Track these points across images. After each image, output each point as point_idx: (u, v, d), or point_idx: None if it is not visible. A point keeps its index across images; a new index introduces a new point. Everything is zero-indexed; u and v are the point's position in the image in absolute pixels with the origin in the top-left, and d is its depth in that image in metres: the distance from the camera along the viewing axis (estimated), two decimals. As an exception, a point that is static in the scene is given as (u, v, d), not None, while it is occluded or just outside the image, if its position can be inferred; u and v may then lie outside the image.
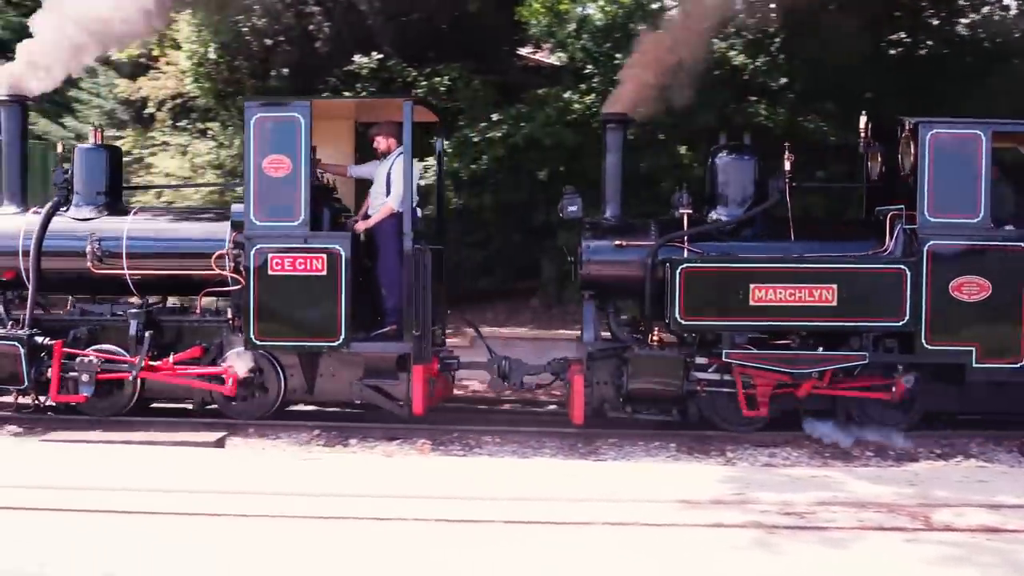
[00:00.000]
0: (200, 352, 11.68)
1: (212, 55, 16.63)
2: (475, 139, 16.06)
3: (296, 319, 11.02)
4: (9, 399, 11.90)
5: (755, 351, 10.79)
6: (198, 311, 11.97)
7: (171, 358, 11.52)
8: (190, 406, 12.19)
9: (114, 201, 12.25)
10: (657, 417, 11.20)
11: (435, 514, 7.39)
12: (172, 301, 12.50)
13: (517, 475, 8.90)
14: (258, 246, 10.90)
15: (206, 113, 18.04)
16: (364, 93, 15.99)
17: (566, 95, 16.11)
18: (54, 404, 11.77)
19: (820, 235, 11.28)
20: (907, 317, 10.52)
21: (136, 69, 19.79)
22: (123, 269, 11.67)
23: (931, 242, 10.45)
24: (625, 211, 11.68)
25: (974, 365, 10.47)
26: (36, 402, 11.89)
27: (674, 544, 6.78)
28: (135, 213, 12.20)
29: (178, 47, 18.40)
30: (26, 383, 11.44)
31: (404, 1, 15.42)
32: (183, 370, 11.57)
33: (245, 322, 11.04)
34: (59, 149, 12.87)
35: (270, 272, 10.88)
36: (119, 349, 11.61)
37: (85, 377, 11.35)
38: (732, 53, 15.77)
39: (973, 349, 10.49)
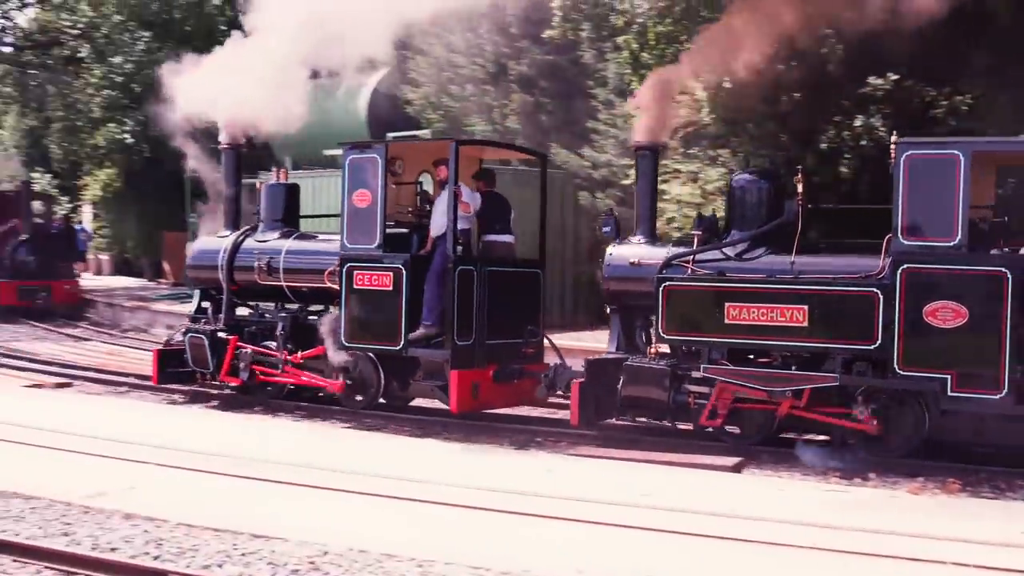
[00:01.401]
0: (322, 351, 13.37)
1: (727, 83, 16.32)
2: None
3: (372, 326, 12.47)
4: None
5: (730, 367, 10.90)
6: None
7: (299, 355, 13.65)
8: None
9: (290, 226, 14.30)
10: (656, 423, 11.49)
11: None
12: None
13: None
14: (348, 265, 12.49)
15: (716, 140, 17.84)
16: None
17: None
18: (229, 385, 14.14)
19: (820, 256, 11.06)
20: (879, 341, 10.15)
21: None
22: (281, 281, 13.65)
23: (905, 265, 10.01)
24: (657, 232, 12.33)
25: (949, 394, 9.87)
26: (217, 383, 14.26)
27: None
28: (294, 237, 14.02)
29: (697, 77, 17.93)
30: (211, 368, 13.94)
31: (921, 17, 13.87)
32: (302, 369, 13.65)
33: (341, 327, 12.57)
34: (258, 186, 15.28)
35: (355, 286, 12.44)
36: (273, 345, 13.99)
37: (242, 365, 13.66)
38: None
39: (948, 377, 9.88)
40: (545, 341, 13.24)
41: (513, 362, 12.60)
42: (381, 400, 12.99)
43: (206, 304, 14.62)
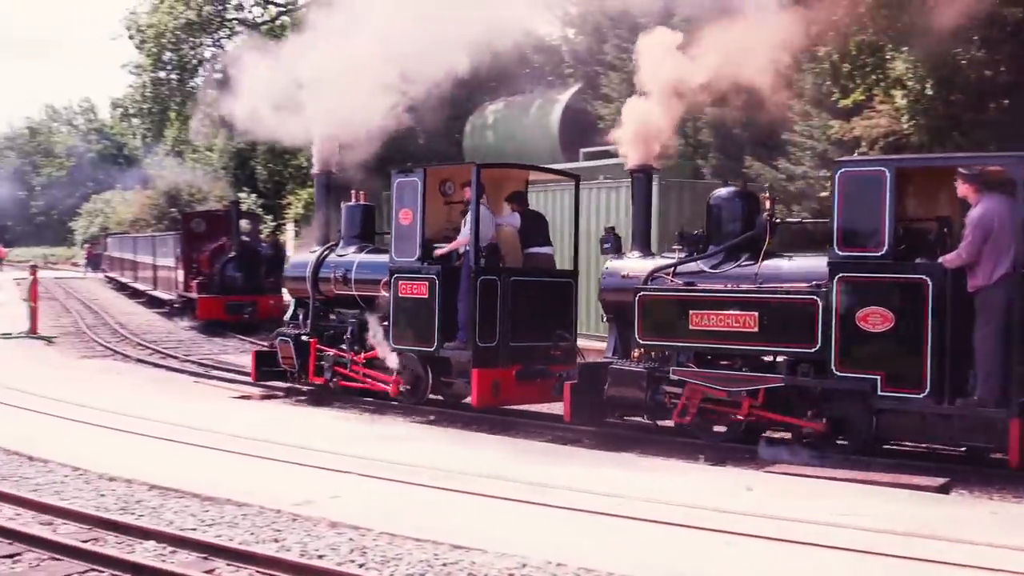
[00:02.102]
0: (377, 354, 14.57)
1: (929, 91, 16.23)
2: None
3: (413, 329, 13.96)
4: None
5: (695, 369, 11.80)
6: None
7: (362, 355, 14.80)
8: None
9: (366, 242, 15.88)
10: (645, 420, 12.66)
11: None
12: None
13: None
14: (395, 275, 14.00)
15: (919, 151, 17.74)
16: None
17: None
18: (313, 384, 15.58)
19: (782, 266, 11.75)
20: (819, 344, 10.85)
21: (852, 110, 19.17)
22: (352, 290, 15.11)
23: (840, 274, 10.69)
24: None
25: (879, 393, 10.49)
26: (301, 383, 15.83)
27: None
28: (368, 251, 15.50)
29: (900, 85, 17.70)
30: (295, 367, 15.52)
31: None
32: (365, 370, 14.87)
33: (390, 331, 14.15)
34: (342, 206, 16.52)
35: (400, 295, 13.93)
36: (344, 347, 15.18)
37: (325, 364, 15.25)
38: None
39: (878, 378, 10.49)
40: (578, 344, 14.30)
41: (538, 363, 13.59)
42: (431, 396, 14.28)
43: (300, 311, 16.30)
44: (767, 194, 12.23)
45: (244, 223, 29.41)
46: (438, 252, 13.86)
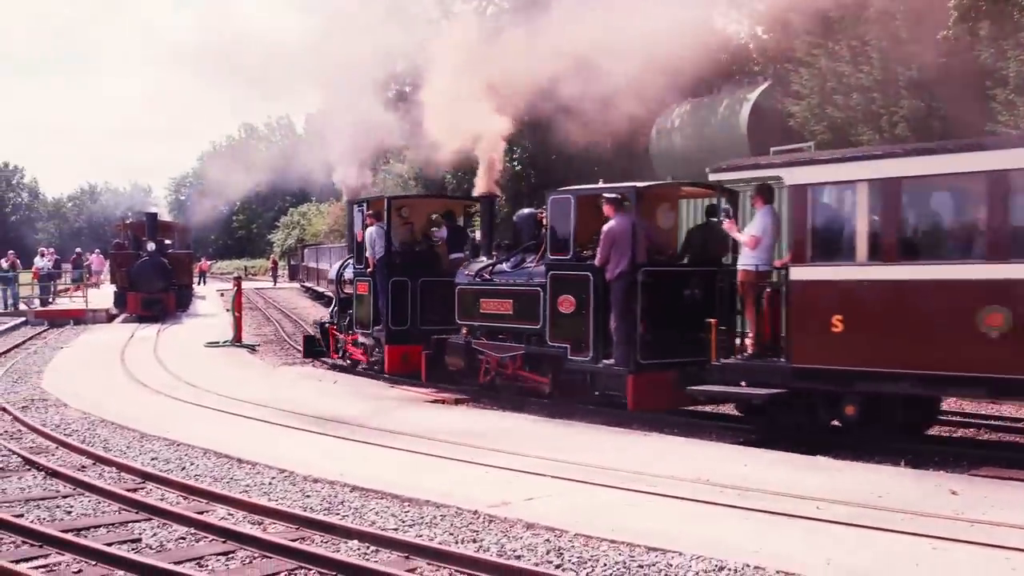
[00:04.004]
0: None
1: None
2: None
3: (361, 317, 19.16)
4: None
5: (485, 341, 15.99)
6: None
7: (349, 337, 19.96)
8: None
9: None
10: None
11: None
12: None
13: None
14: (355, 278, 19.52)
15: None
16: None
17: None
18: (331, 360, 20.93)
19: (541, 266, 15.03)
20: (541, 323, 14.69)
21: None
22: (344, 289, 20.55)
23: (551, 271, 14.46)
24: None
25: (568, 357, 14.23)
26: (334, 358, 20.83)
27: None
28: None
29: None
30: (325, 348, 21.42)
31: None
32: (350, 348, 20.18)
33: (354, 319, 19.45)
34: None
35: (357, 292, 19.39)
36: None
37: (337, 344, 20.62)
38: None
39: (568, 346, 14.22)
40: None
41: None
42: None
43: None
44: (542, 212, 15.33)
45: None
46: (369, 264, 18.24)
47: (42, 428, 13.40)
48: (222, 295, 45.36)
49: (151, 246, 33.76)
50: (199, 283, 57.13)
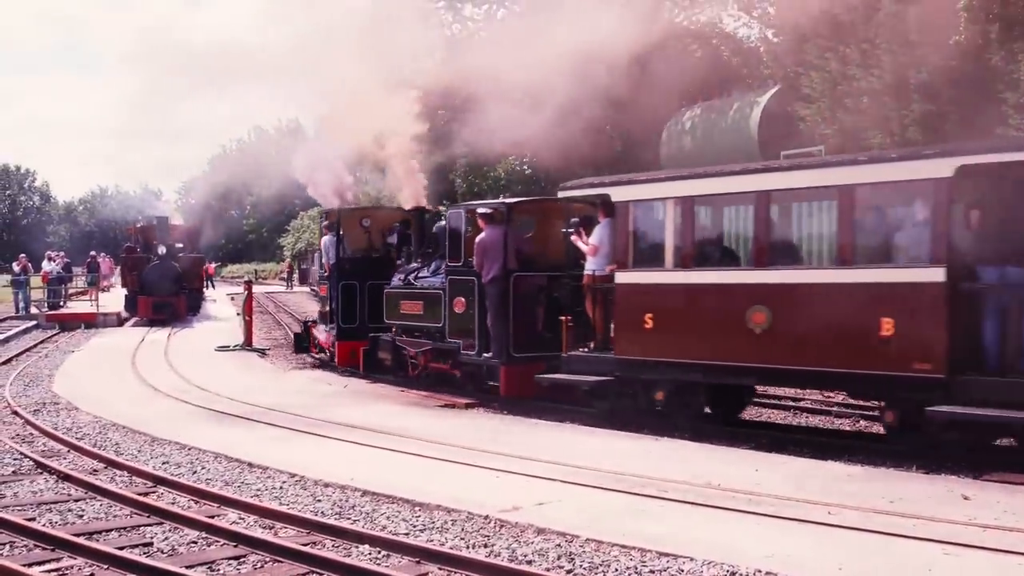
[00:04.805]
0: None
1: None
2: None
3: (324, 315, 22.17)
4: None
5: (405, 337, 18.14)
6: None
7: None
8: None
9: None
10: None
11: None
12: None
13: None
14: (319, 281, 23.42)
15: None
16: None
17: None
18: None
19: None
20: (442, 322, 16.75)
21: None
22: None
23: (449, 276, 16.57)
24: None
25: (461, 352, 16.30)
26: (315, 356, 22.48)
27: None
28: None
29: None
30: (309, 345, 22.97)
31: None
32: (322, 343, 22.28)
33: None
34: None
35: (320, 293, 24.17)
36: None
37: (313, 341, 22.75)
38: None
39: (460, 342, 16.35)
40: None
41: None
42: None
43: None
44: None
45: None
46: (326, 269, 20.80)
47: (54, 432, 13.45)
48: (232, 299, 45.40)
49: (162, 249, 33.86)
50: (205, 287, 57.18)
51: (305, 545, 8.11)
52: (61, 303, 38.38)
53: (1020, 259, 10.70)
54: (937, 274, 10.79)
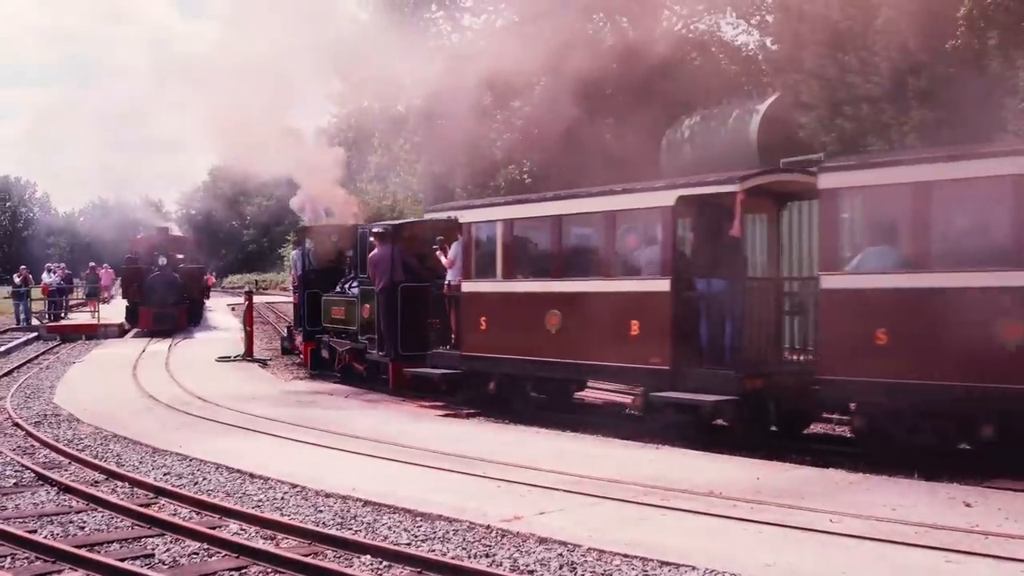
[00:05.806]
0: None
1: None
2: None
3: (300, 319, 24.96)
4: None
5: (334, 339, 21.00)
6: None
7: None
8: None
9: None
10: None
11: None
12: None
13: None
14: (294, 290, 23.70)
15: None
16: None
17: None
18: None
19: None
20: (356, 325, 19.59)
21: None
22: None
23: (362, 287, 19.39)
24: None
25: (367, 351, 19.21)
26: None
27: None
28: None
29: None
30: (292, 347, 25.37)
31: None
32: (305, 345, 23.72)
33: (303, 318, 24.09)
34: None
35: (293, 302, 28.39)
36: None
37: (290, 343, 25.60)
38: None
39: (367, 342, 19.22)
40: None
41: None
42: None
43: None
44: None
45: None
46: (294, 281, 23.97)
47: (55, 443, 13.44)
48: (233, 309, 45.40)
49: (163, 261, 33.86)
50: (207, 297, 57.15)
51: (307, 556, 8.10)
52: (62, 314, 38.37)
53: (720, 272, 13.09)
54: (664, 284, 13.16)
